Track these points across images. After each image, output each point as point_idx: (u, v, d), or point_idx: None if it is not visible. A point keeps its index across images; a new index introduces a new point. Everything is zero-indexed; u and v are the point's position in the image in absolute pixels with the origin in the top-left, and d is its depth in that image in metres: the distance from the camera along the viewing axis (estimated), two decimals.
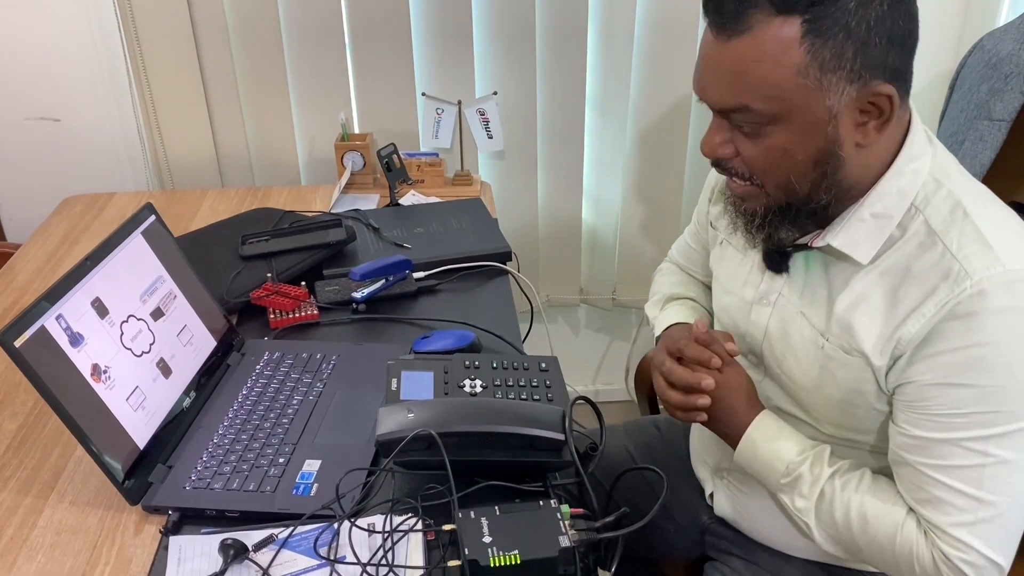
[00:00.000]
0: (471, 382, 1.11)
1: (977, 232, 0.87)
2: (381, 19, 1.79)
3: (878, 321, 0.91)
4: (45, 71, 1.81)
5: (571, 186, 1.99)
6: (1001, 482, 0.88)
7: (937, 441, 0.89)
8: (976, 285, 0.84)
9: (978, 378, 0.85)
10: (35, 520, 0.98)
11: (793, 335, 1.01)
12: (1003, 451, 0.87)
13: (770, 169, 0.90)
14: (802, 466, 0.99)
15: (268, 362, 1.23)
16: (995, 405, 0.86)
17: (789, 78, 0.83)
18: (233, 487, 1.00)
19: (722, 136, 0.91)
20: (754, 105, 0.85)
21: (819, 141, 0.87)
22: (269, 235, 1.51)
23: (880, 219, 0.91)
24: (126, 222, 1.15)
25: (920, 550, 0.91)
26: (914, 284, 0.88)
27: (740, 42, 0.84)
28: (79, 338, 0.99)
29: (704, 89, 0.90)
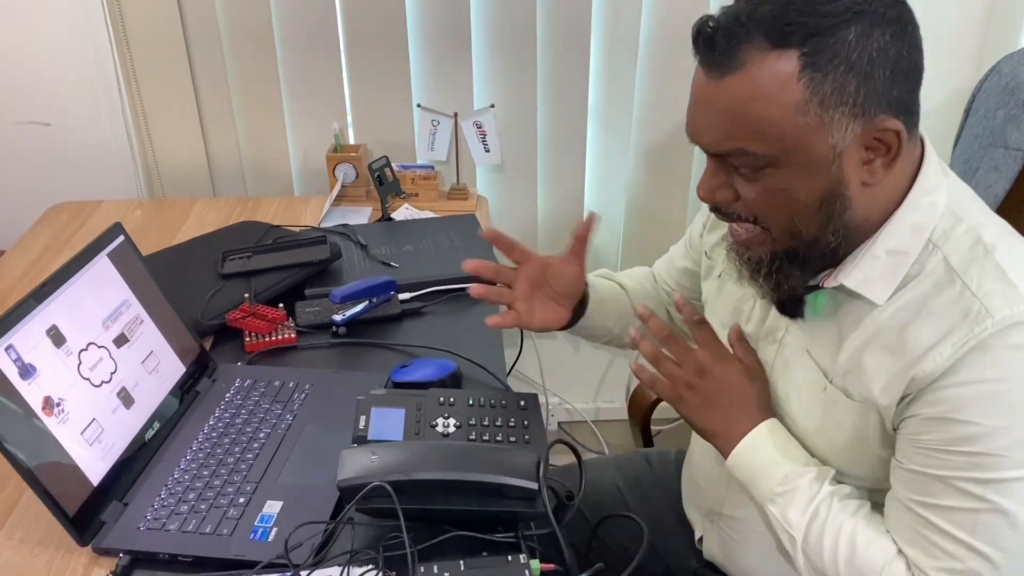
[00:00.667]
0: (444, 421, 1.06)
1: (999, 270, 0.81)
2: (377, 27, 1.74)
3: (887, 360, 0.86)
4: (36, 74, 1.77)
5: (572, 201, 1.93)
6: (996, 533, 0.81)
7: (931, 477, 0.83)
8: (997, 324, 0.78)
9: (984, 415, 0.80)
10: None
11: (797, 375, 0.96)
12: (1002, 499, 0.81)
13: (772, 212, 0.85)
14: (802, 478, 0.92)
15: (239, 390, 1.19)
16: (998, 448, 0.80)
17: (788, 116, 0.78)
18: (189, 528, 0.95)
19: (719, 179, 0.86)
20: (751, 147, 0.80)
21: (823, 182, 0.81)
22: (251, 252, 1.46)
23: (896, 256, 0.85)
24: (92, 243, 1.10)
25: None
26: (930, 322, 0.83)
27: (734, 80, 0.78)
28: (30, 370, 0.94)
29: (697, 132, 0.85)
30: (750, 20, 0.77)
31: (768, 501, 0.94)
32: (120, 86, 1.78)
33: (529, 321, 1.14)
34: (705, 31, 0.80)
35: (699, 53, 0.81)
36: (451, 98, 1.78)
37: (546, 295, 1.15)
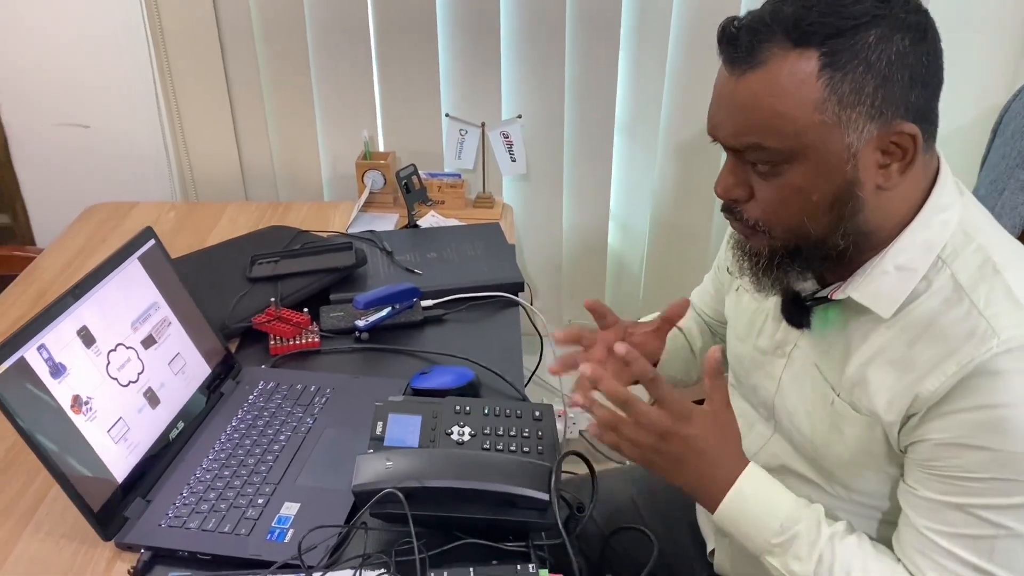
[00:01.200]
0: (460, 429, 1.07)
1: (1007, 290, 0.81)
2: (408, 38, 1.76)
3: (892, 376, 0.86)
4: (76, 78, 1.83)
5: (598, 211, 1.94)
6: (1015, 558, 0.82)
7: (947, 505, 0.83)
8: (1003, 344, 0.78)
9: (996, 441, 0.79)
10: (9, 551, 0.98)
11: (806, 389, 0.96)
12: (1015, 523, 0.81)
13: (783, 211, 0.85)
14: (798, 525, 0.91)
15: (262, 392, 1.21)
16: (1012, 473, 0.80)
17: (806, 113, 0.79)
18: (208, 527, 0.98)
19: (736, 177, 0.87)
20: (768, 143, 0.81)
21: (837, 181, 0.82)
22: (279, 256, 1.49)
23: (904, 272, 0.86)
24: (123, 247, 1.14)
25: None
26: (936, 340, 0.83)
27: (755, 76, 0.80)
28: (61, 369, 0.97)
29: (716, 127, 0.86)
30: (773, 20, 0.79)
31: (766, 553, 0.92)
32: (157, 91, 1.83)
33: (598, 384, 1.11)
34: (730, 30, 0.81)
35: (723, 51, 0.83)
36: (479, 108, 1.80)
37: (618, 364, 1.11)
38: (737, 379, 1.11)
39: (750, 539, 0.94)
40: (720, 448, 0.94)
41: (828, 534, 0.91)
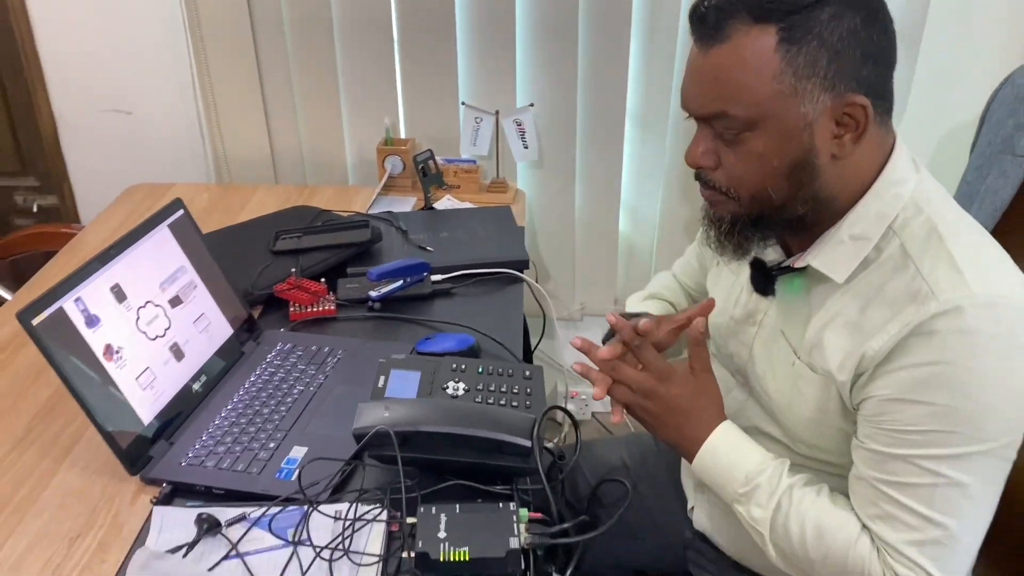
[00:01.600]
0: (455, 384, 1.16)
1: (949, 257, 0.88)
2: (428, 29, 1.86)
3: (846, 338, 0.93)
4: (120, 68, 1.96)
5: (609, 197, 2.02)
6: (953, 504, 0.88)
7: (892, 456, 0.90)
8: (940, 306, 0.85)
9: (934, 396, 0.86)
10: (48, 482, 1.09)
11: (773, 354, 1.04)
12: (956, 473, 0.87)
13: (747, 177, 0.92)
14: (760, 476, 0.99)
15: (280, 352, 1.31)
16: (950, 425, 0.86)
17: (766, 84, 0.86)
18: (223, 466, 1.08)
19: (705, 145, 0.93)
20: (732, 111, 0.88)
21: (795, 148, 0.89)
22: (301, 232, 1.59)
23: (858, 241, 0.93)
24: (154, 214, 1.25)
25: (872, 567, 0.92)
26: (883, 304, 0.90)
27: (720, 50, 0.87)
28: (95, 320, 1.08)
29: (687, 99, 0.93)
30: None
31: (734, 502, 1.01)
32: (194, 80, 1.95)
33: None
34: (699, 10, 0.89)
35: (693, 29, 0.90)
36: (494, 97, 1.89)
37: None
38: (717, 348, 1.18)
39: (721, 489, 1.03)
40: (697, 407, 1.04)
41: (788, 484, 0.99)
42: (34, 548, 0.99)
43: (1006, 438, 0.87)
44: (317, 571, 0.93)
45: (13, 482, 1.09)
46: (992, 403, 0.85)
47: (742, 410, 1.12)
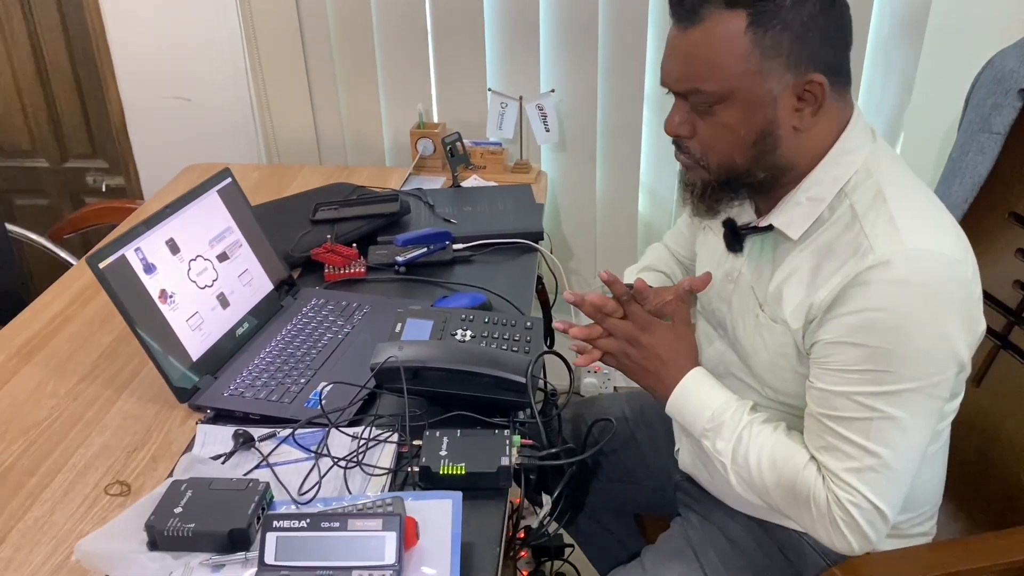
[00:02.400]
0: (463, 331, 1.31)
1: (889, 216, 0.97)
2: (459, 21, 2.01)
3: (800, 290, 1.03)
4: (180, 58, 2.16)
5: (628, 179, 2.14)
6: (886, 435, 0.98)
7: (834, 393, 1.00)
8: (876, 259, 0.94)
9: (869, 339, 0.95)
10: (110, 407, 1.26)
11: (744, 307, 1.14)
12: (889, 408, 0.97)
13: (718, 145, 1.01)
14: (724, 414, 1.09)
15: (314, 306, 1.47)
16: (883, 365, 0.96)
17: (735, 63, 0.96)
18: (260, 396, 1.24)
19: (682, 116, 1.02)
20: (704, 87, 0.97)
21: (760, 120, 0.99)
22: (338, 204, 1.75)
23: (813, 202, 1.03)
24: (205, 181, 1.42)
25: (816, 491, 1.01)
26: (832, 259, 1.00)
27: (695, 31, 0.96)
28: (152, 267, 1.25)
29: (666, 75, 1.02)
30: None
31: (702, 437, 1.11)
32: (247, 69, 2.13)
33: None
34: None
35: (672, 11, 0.99)
36: (519, 83, 2.03)
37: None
38: (703, 306, 1.28)
39: (691, 426, 1.13)
40: (674, 354, 1.14)
41: (748, 420, 1.09)
42: (98, 457, 1.16)
43: (935, 377, 0.97)
44: (334, 479, 1.08)
45: (82, 406, 1.26)
46: (920, 345, 0.95)
47: (722, 359, 1.22)
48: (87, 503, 1.08)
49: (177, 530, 0.95)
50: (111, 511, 1.06)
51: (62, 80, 2.37)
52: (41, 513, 1.06)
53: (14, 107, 2.41)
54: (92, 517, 1.06)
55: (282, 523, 0.91)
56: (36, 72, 2.36)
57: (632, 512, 1.54)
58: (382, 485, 1.08)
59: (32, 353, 1.39)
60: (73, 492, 1.10)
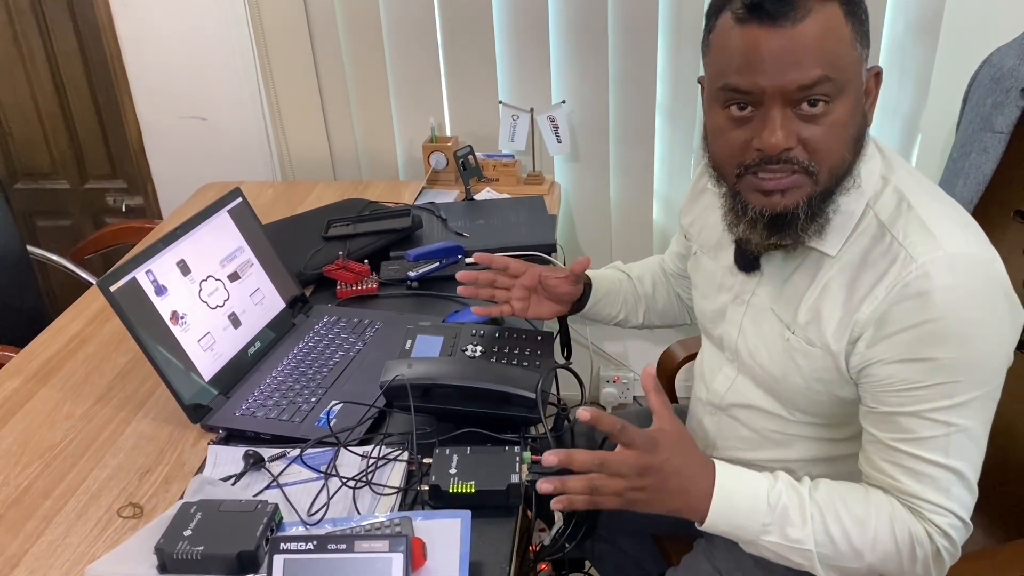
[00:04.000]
0: (473, 347, 1.30)
1: (920, 222, 0.95)
2: (469, 35, 2.02)
3: (838, 310, 0.98)
4: (196, 79, 2.18)
5: (642, 188, 2.13)
6: (963, 449, 0.94)
7: (904, 414, 0.95)
8: (921, 268, 0.91)
9: (933, 351, 0.91)
10: (124, 428, 1.27)
11: (764, 330, 1.09)
12: (962, 420, 0.93)
13: (833, 148, 0.93)
14: (782, 498, 0.98)
15: (326, 324, 1.47)
16: (951, 376, 0.92)
17: (847, 51, 0.91)
18: (271, 416, 1.24)
19: (786, 127, 0.91)
20: (832, 75, 0.90)
21: (859, 115, 0.95)
22: (350, 220, 1.76)
23: (844, 215, 0.99)
24: (215, 201, 1.43)
25: (917, 530, 0.96)
26: (868, 272, 0.96)
27: (808, 23, 0.89)
28: (163, 289, 1.26)
29: (783, 72, 0.89)
30: None
31: (763, 534, 0.98)
32: (260, 89, 2.15)
33: (522, 313, 1.32)
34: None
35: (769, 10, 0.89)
36: (531, 96, 2.03)
37: (542, 296, 1.33)
38: (705, 331, 1.24)
39: (744, 529, 0.99)
40: (689, 461, 1.00)
41: (806, 493, 0.99)
42: (112, 479, 1.16)
43: (997, 380, 0.95)
44: (343, 499, 1.08)
45: (97, 428, 1.27)
46: (982, 349, 0.92)
47: (733, 387, 1.17)
48: (100, 525, 1.09)
49: (186, 553, 0.95)
50: (124, 533, 1.07)
51: (81, 103, 2.40)
52: (55, 536, 1.07)
53: (35, 130, 2.45)
54: (105, 540, 1.06)
55: (289, 545, 0.91)
56: (56, 96, 2.39)
57: (650, 533, 1.51)
58: (391, 504, 1.07)
59: (49, 375, 1.41)
60: (87, 515, 1.10)
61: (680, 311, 1.47)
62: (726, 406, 1.18)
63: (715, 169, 1.01)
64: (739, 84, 0.91)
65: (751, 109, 0.93)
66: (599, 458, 0.96)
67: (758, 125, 0.92)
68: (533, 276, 1.32)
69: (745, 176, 0.96)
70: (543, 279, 1.32)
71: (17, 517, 1.10)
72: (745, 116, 0.93)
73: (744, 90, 0.92)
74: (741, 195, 0.98)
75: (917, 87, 1.92)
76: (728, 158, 0.97)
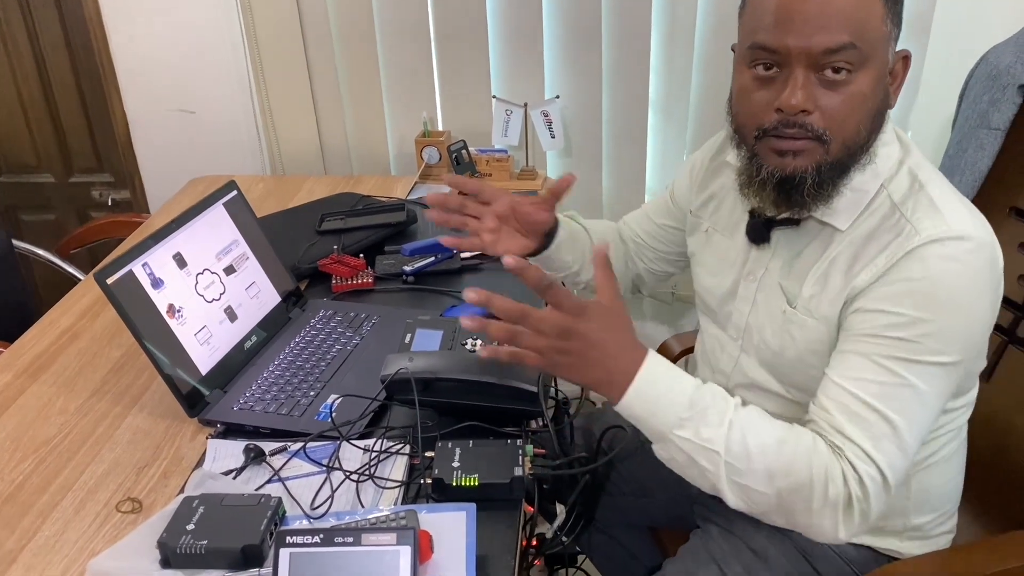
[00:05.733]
0: (473, 340, 1.30)
1: (930, 200, 0.97)
2: (462, 29, 2.01)
3: (839, 281, 1.01)
4: (185, 71, 2.16)
5: (634, 183, 2.13)
6: (904, 404, 0.94)
7: (857, 354, 0.96)
8: (924, 239, 0.94)
9: (906, 308, 0.94)
10: (120, 423, 1.25)
11: (771, 305, 1.10)
12: (913, 376, 0.94)
13: (849, 117, 0.94)
14: (705, 397, 0.96)
15: (322, 318, 1.46)
16: (915, 334, 0.93)
17: (877, 24, 0.92)
18: (270, 410, 1.23)
19: (807, 90, 0.93)
20: (858, 43, 0.91)
21: (882, 91, 0.96)
22: (344, 214, 1.75)
23: (857, 192, 1.00)
24: (211, 194, 1.41)
25: (833, 467, 0.93)
26: (873, 244, 0.99)
27: None
28: (159, 282, 1.25)
29: (811, 33, 0.91)
30: None
31: (676, 427, 0.95)
32: (251, 82, 2.13)
33: (493, 247, 1.23)
34: None
35: None
36: (524, 91, 2.03)
37: (512, 228, 1.25)
38: (710, 308, 1.24)
39: (656, 417, 0.96)
40: (618, 337, 0.96)
41: (734, 402, 0.98)
42: (109, 474, 1.15)
43: (960, 355, 0.95)
44: (346, 492, 1.07)
45: (92, 423, 1.26)
46: (956, 323, 0.94)
47: (737, 366, 1.18)
48: (98, 521, 1.07)
49: (190, 547, 0.94)
50: (123, 529, 1.05)
51: (66, 95, 2.37)
52: (52, 532, 1.05)
53: (19, 123, 2.41)
54: (104, 535, 1.05)
55: (295, 539, 0.90)
56: (41, 88, 2.36)
57: (647, 526, 1.52)
58: (395, 498, 1.07)
59: (41, 370, 1.39)
60: (84, 510, 1.09)
61: (626, 281, 1.44)
62: (732, 387, 1.18)
63: (736, 132, 1.03)
64: (767, 42, 0.93)
65: (776, 70, 0.95)
66: (521, 310, 0.93)
67: (780, 86, 0.94)
68: (506, 203, 1.23)
69: (764, 139, 0.98)
70: (516, 206, 1.23)
71: (13, 513, 1.09)
72: (770, 76, 0.95)
73: (772, 48, 0.93)
74: (758, 156, 1.00)
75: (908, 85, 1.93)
76: (749, 119, 0.99)
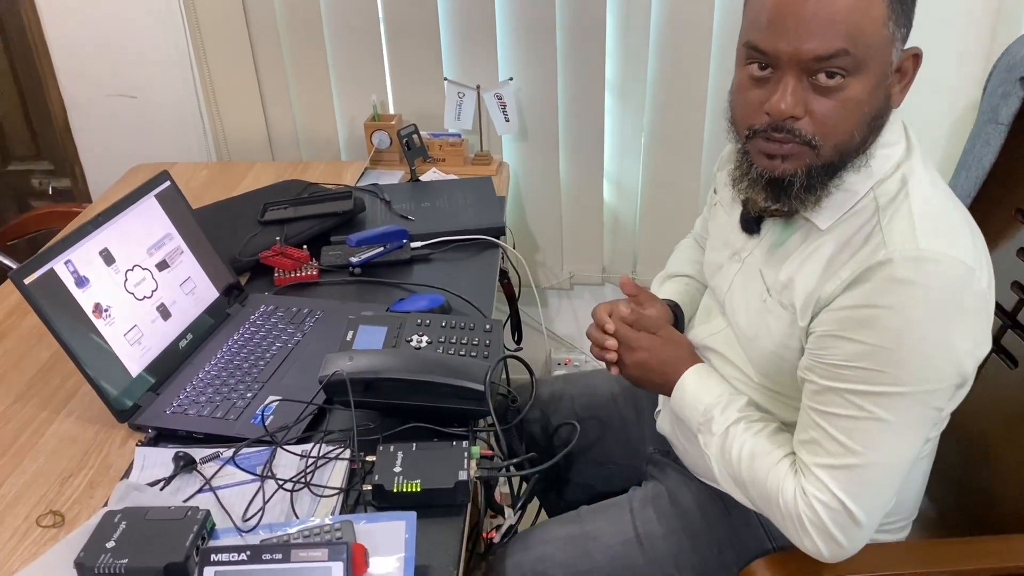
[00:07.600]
0: (419, 337, 1.25)
1: (908, 212, 0.93)
2: (412, 9, 1.94)
3: (812, 281, 0.98)
4: (125, 54, 2.06)
5: (592, 168, 2.08)
6: (871, 437, 0.94)
7: (824, 388, 0.96)
8: (887, 255, 0.90)
9: (867, 336, 0.91)
10: (45, 429, 1.19)
11: (749, 290, 1.09)
12: (878, 409, 0.93)
13: (841, 123, 0.92)
14: (715, 409, 1.08)
15: (263, 313, 1.40)
16: (879, 365, 0.91)
17: (877, 27, 0.89)
18: (204, 414, 1.17)
19: (796, 95, 0.92)
20: (853, 49, 0.89)
21: (881, 95, 0.93)
22: (288, 203, 1.68)
23: (846, 192, 0.97)
24: (142, 186, 1.34)
25: (785, 485, 0.99)
26: (846, 250, 0.96)
27: None
28: (84, 280, 1.18)
29: (803, 38, 0.89)
30: None
31: (697, 432, 1.11)
32: (193, 65, 2.05)
33: None
34: None
35: None
36: (477, 72, 1.96)
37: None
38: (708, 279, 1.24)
39: (688, 421, 1.13)
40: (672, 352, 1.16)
41: (736, 417, 1.07)
42: (31, 485, 1.09)
43: (932, 384, 0.92)
44: (281, 501, 1.02)
45: (14, 430, 1.19)
46: (920, 350, 0.90)
47: (719, 336, 1.17)
48: (17, 536, 1.01)
49: (109, 567, 0.89)
50: (43, 545, 1.00)
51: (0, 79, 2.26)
52: None
53: None
54: (22, 552, 0.99)
55: (221, 556, 0.85)
56: None
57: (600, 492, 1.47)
58: (333, 507, 1.02)
59: None
60: (2, 525, 1.03)
61: None
62: (702, 347, 1.19)
63: (731, 124, 1.02)
64: (759, 43, 0.92)
65: (770, 70, 0.93)
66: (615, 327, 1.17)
67: (772, 88, 0.93)
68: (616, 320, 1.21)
69: (753, 138, 0.97)
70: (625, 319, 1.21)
71: None
72: (764, 76, 0.94)
73: (763, 50, 0.92)
74: (749, 155, 0.99)
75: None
76: (742, 117, 0.98)
